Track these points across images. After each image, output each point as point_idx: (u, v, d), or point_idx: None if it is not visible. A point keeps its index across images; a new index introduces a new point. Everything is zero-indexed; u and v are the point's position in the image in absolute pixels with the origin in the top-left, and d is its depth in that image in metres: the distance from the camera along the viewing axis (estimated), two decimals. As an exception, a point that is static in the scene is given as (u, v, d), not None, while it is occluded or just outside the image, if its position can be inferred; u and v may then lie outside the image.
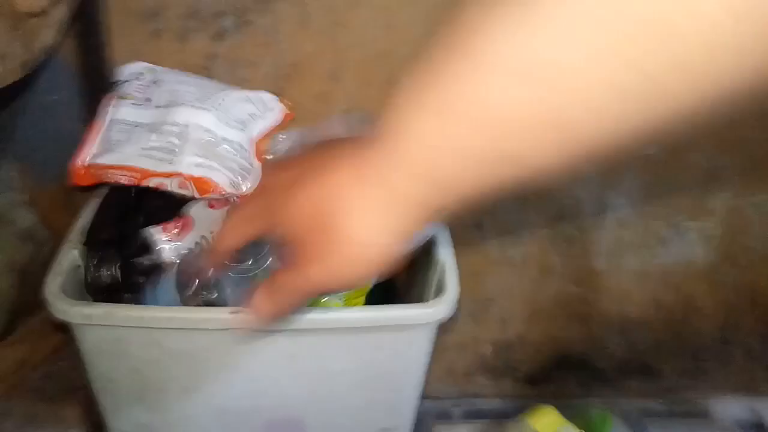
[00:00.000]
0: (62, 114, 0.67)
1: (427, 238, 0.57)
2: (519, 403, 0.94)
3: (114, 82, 0.62)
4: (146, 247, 0.58)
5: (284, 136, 0.61)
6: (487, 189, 0.27)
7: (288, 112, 0.64)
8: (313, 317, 0.48)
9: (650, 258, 0.85)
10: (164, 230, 0.59)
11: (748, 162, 0.78)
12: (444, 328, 0.87)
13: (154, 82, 0.62)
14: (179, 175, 0.55)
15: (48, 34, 0.53)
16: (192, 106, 0.58)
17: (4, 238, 0.64)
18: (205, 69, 0.66)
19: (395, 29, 0.65)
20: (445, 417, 0.92)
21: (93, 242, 0.56)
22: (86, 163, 0.58)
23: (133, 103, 0.60)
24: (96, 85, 0.64)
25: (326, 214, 0.31)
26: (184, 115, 0.57)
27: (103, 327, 0.48)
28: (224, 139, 0.57)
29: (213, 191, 0.56)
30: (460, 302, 0.85)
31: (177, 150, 0.56)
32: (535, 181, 0.27)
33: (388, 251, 0.31)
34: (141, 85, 0.62)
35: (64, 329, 0.70)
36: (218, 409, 0.54)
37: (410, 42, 0.66)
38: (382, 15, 0.64)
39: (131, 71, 0.63)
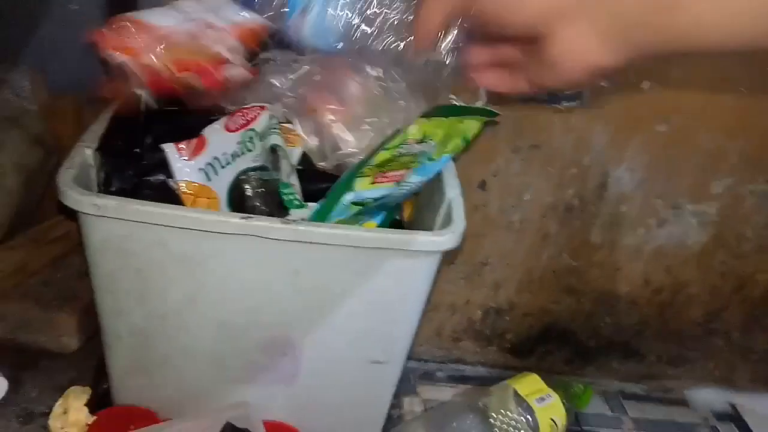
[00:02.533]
0: (81, 25, 0.66)
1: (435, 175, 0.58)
2: (502, 373, 0.95)
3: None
4: (159, 165, 0.58)
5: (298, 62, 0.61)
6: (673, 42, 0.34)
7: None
8: (322, 231, 0.49)
9: (645, 236, 0.86)
10: (178, 149, 0.59)
11: (754, 149, 0.79)
12: (437, 289, 0.89)
13: None
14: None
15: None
16: None
17: (15, 140, 0.64)
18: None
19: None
20: (429, 378, 0.93)
21: (107, 149, 0.56)
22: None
23: None
24: (120, -2, 0.64)
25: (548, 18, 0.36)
26: None
27: (112, 221, 0.48)
28: None
29: None
30: (456, 263, 0.87)
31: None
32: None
33: (591, 56, 0.36)
34: None
35: (64, 238, 0.70)
36: (216, 320, 0.55)
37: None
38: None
39: None
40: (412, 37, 0.44)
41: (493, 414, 0.77)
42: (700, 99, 0.76)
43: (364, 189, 0.52)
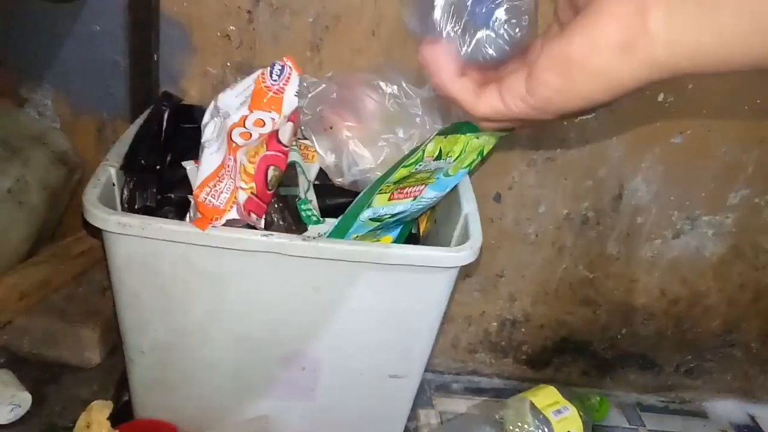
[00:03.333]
0: (102, 45, 0.68)
1: (451, 189, 0.58)
2: (518, 385, 0.95)
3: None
4: (180, 182, 0.60)
5: (316, 81, 0.62)
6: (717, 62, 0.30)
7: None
8: (341, 248, 0.49)
9: (661, 247, 0.86)
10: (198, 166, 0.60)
11: (769, 160, 0.79)
12: (453, 300, 0.89)
13: None
14: None
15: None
16: None
17: (39, 158, 0.66)
18: (248, 13, 0.67)
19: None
20: (445, 390, 0.93)
21: (131, 168, 0.57)
22: None
23: None
24: (141, 19, 0.65)
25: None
26: None
27: (137, 239, 0.49)
28: None
29: None
30: (471, 276, 0.87)
31: None
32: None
33: (612, 66, 0.31)
34: None
35: (86, 254, 0.71)
36: (237, 335, 0.55)
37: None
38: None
39: None
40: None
41: (509, 427, 0.77)
42: (715, 111, 0.76)
43: (382, 205, 0.53)
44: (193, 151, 0.59)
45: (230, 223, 0.50)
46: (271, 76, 0.53)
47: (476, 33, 0.38)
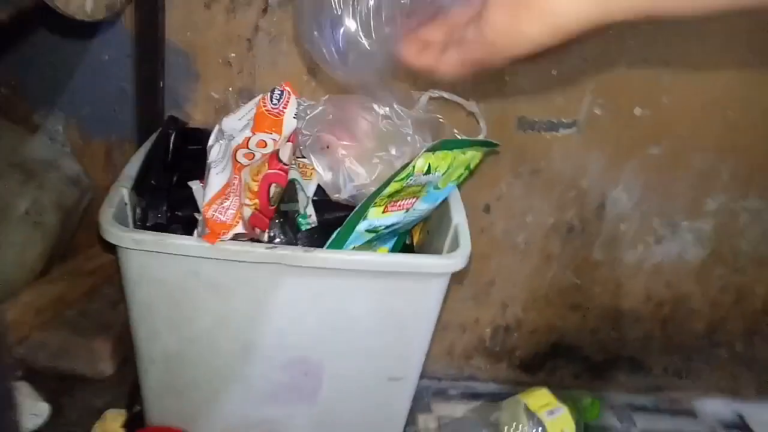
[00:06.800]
0: (112, 73, 0.73)
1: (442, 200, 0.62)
2: (513, 389, 0.98)
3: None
4: (187, 200, 0.63)
5: (313, 104, 0.66)
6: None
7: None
8: (340, 258, 0.53)
9: (644, 253, 0.90)
10: (203, 185, 0.64)
11: (744, 167, 0.84)
12: (447, 309, 0.92)
13: None
14: None
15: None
16: None
17: (54, 180, 0.70)
18: (248, 41, 0.72)
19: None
20: (442, 395, 0.96)
21: (142, 188, 0.61)
22: None
23: None
24: (148, 49, 0.70)
25: None
26: None
27: (149, 254, 0.53)
28: None
29: None
30: (464, 284, 0.91)
31: None
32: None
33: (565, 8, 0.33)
34: None
35: (98, 271, 0.75)
36: (243, 343, 0.59)
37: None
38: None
39: None
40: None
41: (505, 428, 0.80)
42: (690, 122, 0.80)
43: (377, 217, 0.57)
44: (199, 171, 0.63)
45: (236, 237, 0.54)
46: (271, 101, 0.57)
47: None
